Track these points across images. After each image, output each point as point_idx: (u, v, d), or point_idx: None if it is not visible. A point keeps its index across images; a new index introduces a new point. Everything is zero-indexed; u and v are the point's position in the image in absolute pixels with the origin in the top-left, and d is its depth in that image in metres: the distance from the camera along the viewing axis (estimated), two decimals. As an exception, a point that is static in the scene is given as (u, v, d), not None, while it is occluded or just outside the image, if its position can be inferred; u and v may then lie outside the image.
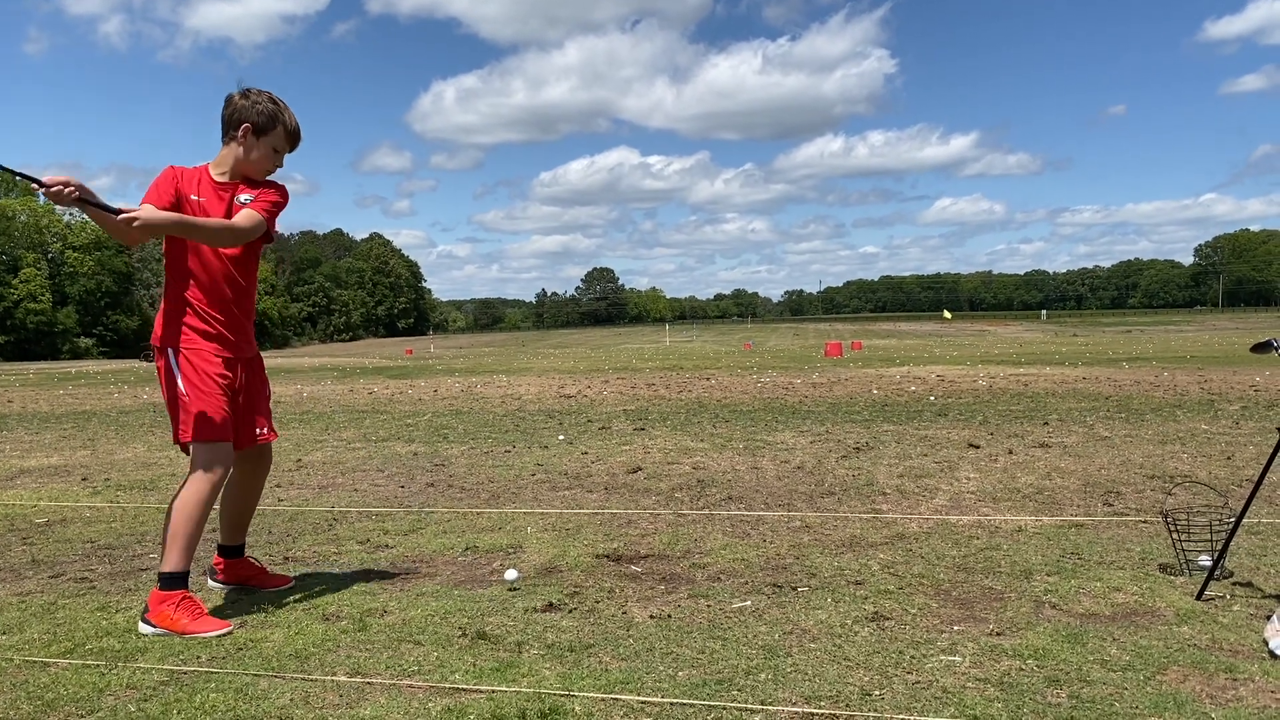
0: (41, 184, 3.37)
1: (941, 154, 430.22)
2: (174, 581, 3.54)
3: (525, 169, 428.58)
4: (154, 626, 3.46)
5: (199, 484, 3.62)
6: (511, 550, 4.65)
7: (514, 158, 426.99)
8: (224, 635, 3.44)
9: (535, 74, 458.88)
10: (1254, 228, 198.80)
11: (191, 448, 3.68)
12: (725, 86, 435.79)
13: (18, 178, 3.72)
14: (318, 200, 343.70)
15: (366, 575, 4.24)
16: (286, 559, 4.60)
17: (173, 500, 3.64)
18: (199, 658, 3.20)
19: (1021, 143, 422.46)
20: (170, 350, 3.73)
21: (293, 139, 3.90)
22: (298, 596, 3.90)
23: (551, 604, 3.71)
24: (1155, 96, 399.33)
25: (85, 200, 3.43)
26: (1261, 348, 4.00)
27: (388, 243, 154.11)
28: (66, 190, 3.36)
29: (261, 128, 3.79)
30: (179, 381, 3.69)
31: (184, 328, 3.73)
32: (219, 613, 3.66)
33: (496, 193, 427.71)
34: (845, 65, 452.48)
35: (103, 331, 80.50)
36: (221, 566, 4.10)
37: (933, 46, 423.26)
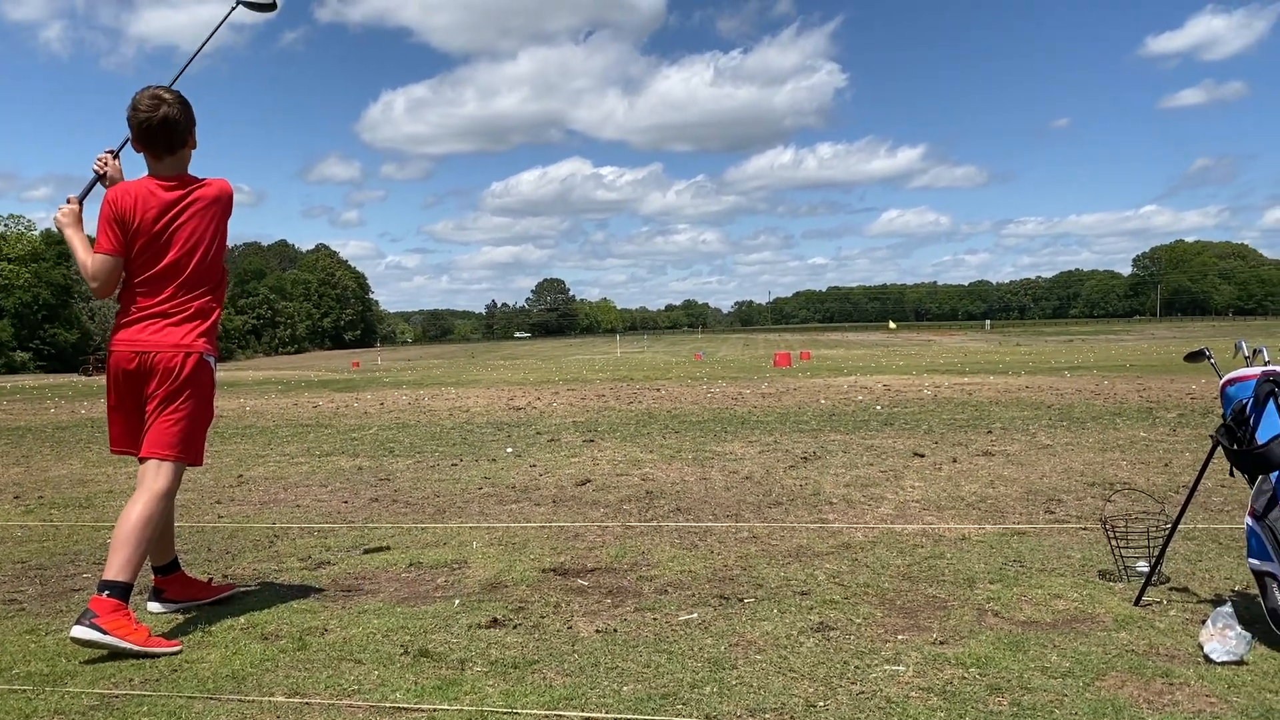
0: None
1: (889, 166, 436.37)
2: (125, 592, 3.44)
3: (476, 179, 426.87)
4: (103, 633, 3.27)
5: (166, 501, 3.67)
6: (456, 565, 4.59)
7: (465, 168, 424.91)
8: (174, 654, 3.35)
9: (487, 84, 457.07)
10: (1190, 239, 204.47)
11: (172, 466, 3.68)
12: (677, 98, 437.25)
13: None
14: (263, 211, 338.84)
15: (307, 593, 4.17)
16: (225, 577, 4.50)
17: (132, 513, 3.54)
18: (131, 680, 3.11)
19: (968, 155, 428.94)
20: (213, 359, 3.82)
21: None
22: (236, 615, 3.82)
23: (496, 620, 3.67)
24: (1098, 110, 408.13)
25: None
26: (1194, 357, 4.08)
27: (334, 254, 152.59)
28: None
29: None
30: (213, 397, 3.85)
31: (215, 333, 3.87)
32: (154, 633, 3.56)
33: (446, 203, 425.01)
34: (796, 78, 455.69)
35: (40, 345, 78.54)
36: (166, 586, 3.99)
37: (882, 60, 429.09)
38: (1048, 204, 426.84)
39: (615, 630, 3.53)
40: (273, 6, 4.38)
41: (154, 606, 3.96)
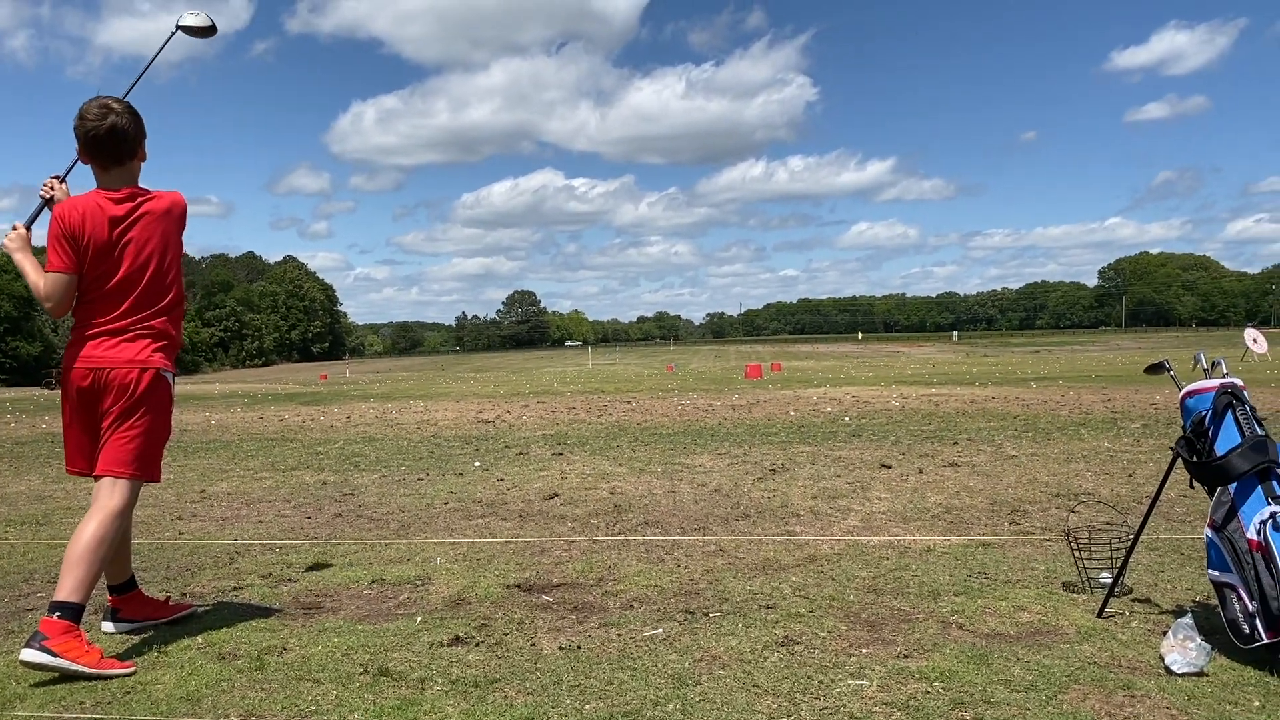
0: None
1: (859, 179, 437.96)
2: (77, 614, 3.37)
3: (447, 190, 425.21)
4: (53, 656, 3.20)
5: (120, 520, 3.58)
6: (420, 582, 4.54)
7: (435, 179, 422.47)
8: (128, 675, 3.28)
9: (458, 95, 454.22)
10: (1154, 251, 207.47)
11: (127, 484, 3.60)
12: (649, 111, 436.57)
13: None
14: (231, 222, 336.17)
15: (267, 611, 4.10)
16: (184, 595, 4.42)
17: (85, 532, 3.46)
18: (82, 703, 3.04)
19: (936, 168, 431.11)
20: (170, 375, 3.75)
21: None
22: (193, 635, 3.75)
23: (458, 637, 3.63)
24: (1064, 124, 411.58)
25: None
26: (1155, 369, 4.12)
27: (302, 265, 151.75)
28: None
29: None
30: (171, 413, 3.78)
31: (173, 349, 3.79)
32: (108, 653, 3.49)
33: (416, 214, 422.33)
34: (767, 91, 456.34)
35: (1, 359, 77.30)
36: (122, 605, 3.91)
37: (852, 74, 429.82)
38: (1015, 216, 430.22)
39: (579, 647, 3.50)
40: (211, 30, 4.32)
41: (109, 627, 3.87)
